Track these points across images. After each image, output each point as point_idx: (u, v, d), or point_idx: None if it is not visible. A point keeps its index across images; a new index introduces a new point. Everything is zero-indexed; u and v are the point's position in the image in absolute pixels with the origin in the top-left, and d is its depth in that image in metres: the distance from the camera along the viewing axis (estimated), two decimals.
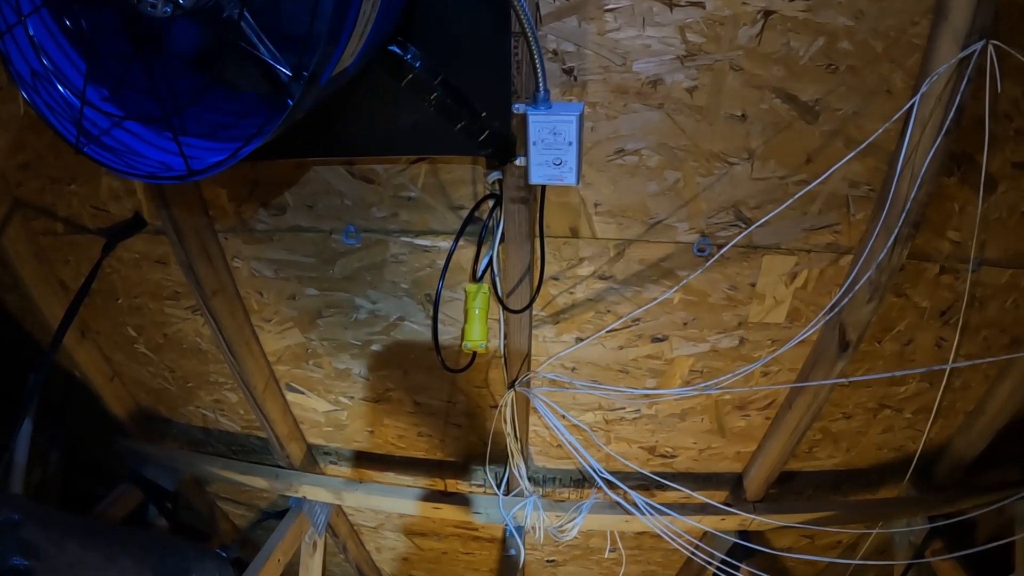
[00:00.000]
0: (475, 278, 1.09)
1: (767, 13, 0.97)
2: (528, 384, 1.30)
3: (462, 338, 1.12)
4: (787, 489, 1.69)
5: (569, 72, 1.01)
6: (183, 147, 0.87)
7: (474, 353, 1.19)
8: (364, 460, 1.70)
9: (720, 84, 1.02)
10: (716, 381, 1.27)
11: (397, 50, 0.92)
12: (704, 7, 0.96)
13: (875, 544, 1.82)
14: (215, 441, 1.80)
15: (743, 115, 1.05)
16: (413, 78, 0.93)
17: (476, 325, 1.10)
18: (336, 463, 1.72)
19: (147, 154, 0.88)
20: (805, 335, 1.18)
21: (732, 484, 1.65)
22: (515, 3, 0.74)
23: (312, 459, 1.73)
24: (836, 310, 1.17)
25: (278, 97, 0.71)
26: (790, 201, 1.05)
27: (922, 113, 1.01)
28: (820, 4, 0.96)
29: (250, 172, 1.20)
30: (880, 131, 1.03)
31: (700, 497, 1.55)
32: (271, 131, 0.70)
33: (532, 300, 1.11)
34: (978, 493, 1.71)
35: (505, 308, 1.12)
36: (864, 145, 1.04)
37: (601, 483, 1.31)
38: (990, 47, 0.96)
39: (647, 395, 1.36)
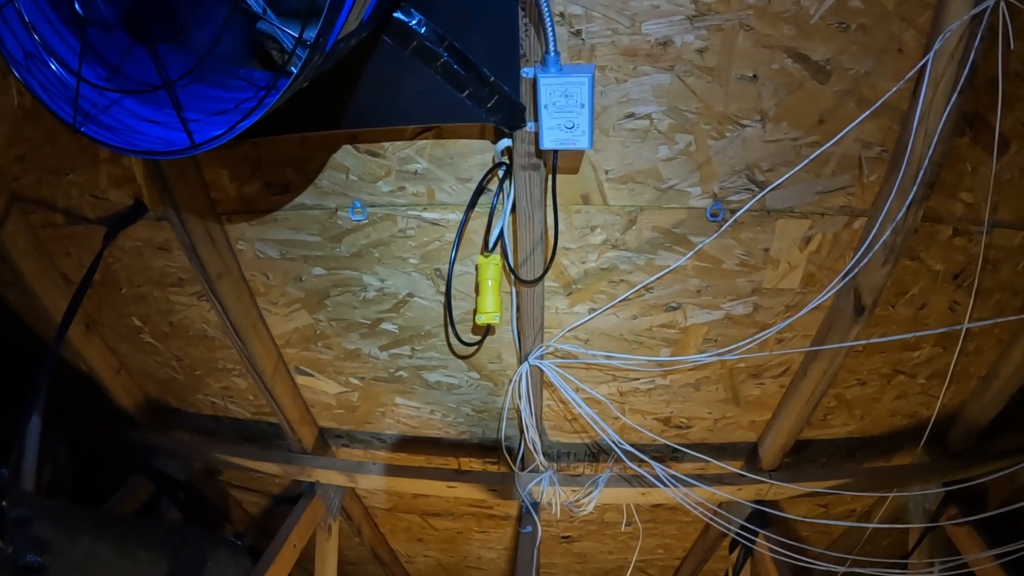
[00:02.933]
0: (487, 249, 1.09)
1: None
2: (542, 357, 1.31)
3: (475, 312, 1.13)
4: (802, 457, 1.71)
5: (577, 35, 1.00)
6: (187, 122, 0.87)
7: (484, 335, 1.20)
8: (376, 441, 1.72)
9: (731, 44, 1.02)
10: (731, 348, 1.29)
11: (402, 16, 0.91)
12: None
13: (890, 511, 1.85)
14: (225, 429, 1.82)
15: (754, 76, 1.05)
16: (419, 44, 0.93)
17: (489, 297, 1.10)
18: (348, 445, 1.74)
19: (146, 131, 0.88)
20: (823, 298, 1.19)
21: (747, 453, 1.67)
22: None
23: (324, 442, 1.75)
24: (851, 274, 1.18)
25: (281, 74, 0.71)
26: (804, 163, 1.05)
27: (935, 72, 1.01)
28: None
29: (252, 151, 1.20)
30: (894, 90, 1.03)
31: (717, 464, 1.57)
32: (274, 100, 0.70)
33: (546, 270, 1.12)
34: (992, 458, 1.73)
35: (518, 279, 1.13)
36: (878, 104, 1.04)
37: (620, 454, 1.33)
38: (1002, 4, 0.95)
39: (662, 364, 1.37)
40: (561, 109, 0.89)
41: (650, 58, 1.03)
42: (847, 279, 1.18)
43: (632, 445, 1.55)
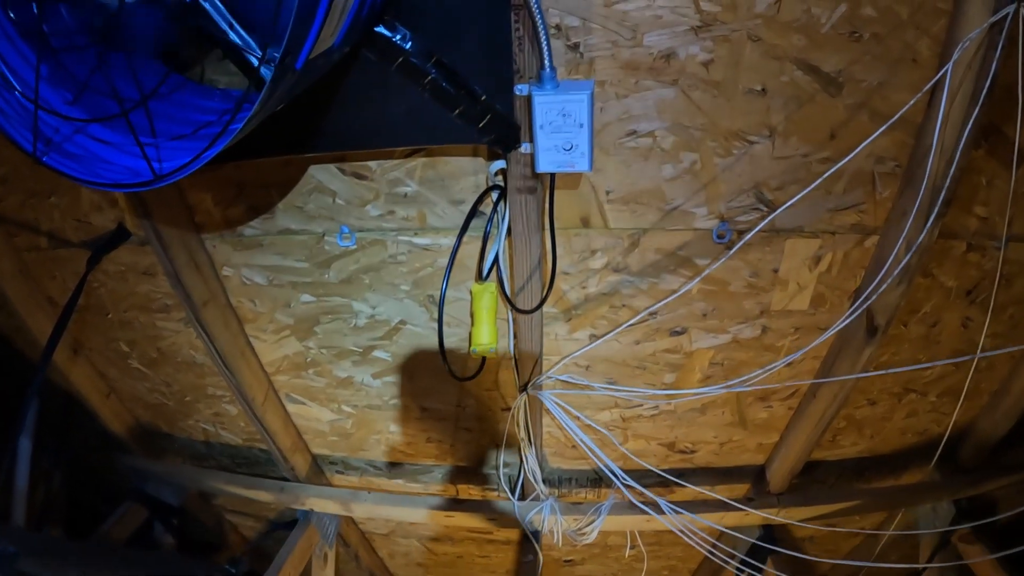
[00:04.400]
0: (481, 277, 0.99)
1: None
2: (541, 387, 1.20)
3: (470, 342, 1.02)
4: (810, 478, 1.60)
5: (575, 48, 0.91)
6: (156, 148, 0.77)
7: (483, 358, 1.10)
8: (372, 468, 1.61)
9: (738, 56, 0.92)
10: (740, 380, 1.18)
11: (385, 31, 0.82)
12: None
13: (900, 527, 1.75)
14: (217, 454, 1.71)
15: (763, 89, 0.95)
16: (404, 60, 0.83)
17: (484, 328, 1.00)
18: (343, 472, 1.64)
19: (113, 159, 0.78)
20: (839, 327, 1.08)
21: (754, 476, 1.56)
22: None
23: (318, 469, 1.64)
24: (868, 300, 1.08)
25: (245, 99, 0.62)
26: (817, 182, 0.95)
27: (952, 83, 0.92)
28: None
29: (235, 174, 1.10)
30: (911, 103, 0.93)
31: (720, 497, 1.46)
32: (238, 127, 0.60)
33: (543, 299, 1.01)
34: (1004, 473, 1.63)
35: (514, 308, 1.02)
36: (894, 119, 0.94)
37: (621, 487, 1.23)
38: (1022, 10, 0.86)
39: (667, 395, 1.27)
40: (558, 129, 0.79)
41: (652, 72, 0.93)
42: (863, 304, 1.08)
43: (635, 471, 1.45)
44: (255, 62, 0.64)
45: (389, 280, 1.18)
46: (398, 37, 0.82)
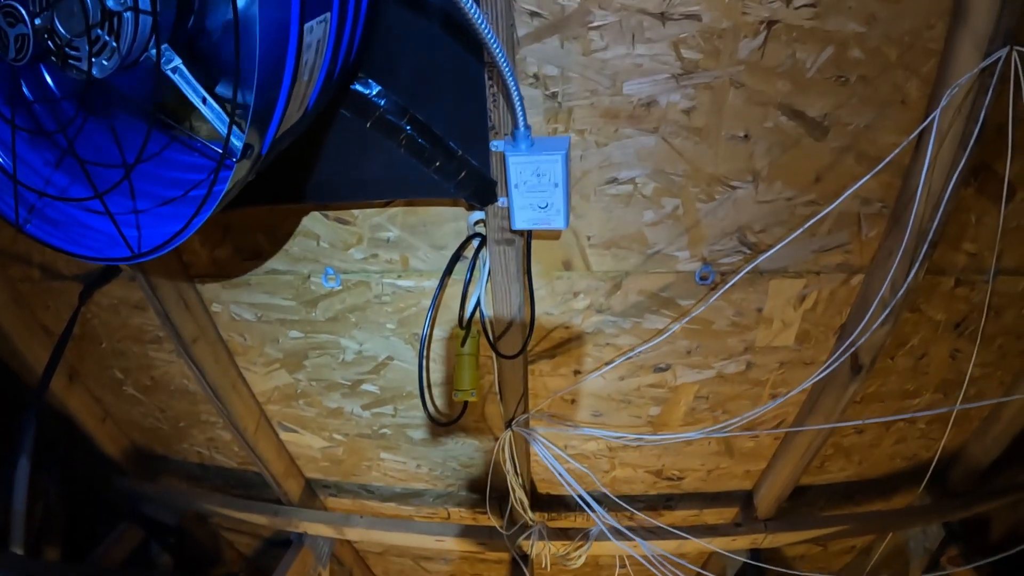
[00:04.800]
0: (462, 325, 0.99)
1: (770, 23, 0.85)
2: (526, 424, 1.20)
3: (452, 387, 1.02)
4: (799, 502, 1.60)
5: (553, 97, 0.89)
6: (136, 215, 0.77)
7: (462, 410, 1.09)
8: (364, 492, 1.62)
9: (720, 103, 0.90)
10: (723, 425, 1.17)
11: (360, 88, 0.81)
12: (700, 19, 0.84)
13: (889, 547, 1.74)
14: (212, 476, 1.72)
15: (746, 135, 0.93)
16: (380, 117, 0.82)
17: (466, 373, 1.00)
18: (336, 495, 1.65)
19: (95, 225, 0.78)
20: (822, 375, 1.07)
21: (742, 501, 1.56)
22: (482, 35, 0.62)
23: (312, 492, 1.65)
24: (855, 344, 1.07)
25: (220, 167, 0.61)
26: (802, 229, 0.94)
27: (941, 126, 0.89)
28: (829, 10, 0.84)
29: (221, 217, 1.09)
30: (898, 150, 0.91)
31: (706, 533, 1.46)
32: (211, 210, 0.60)
33: (524, 347, 1.01)
34: (995, 496, 1.62)
35: (497, 354, 1.02)
36: (883, 165, 0.92)
37: (601, 525, 1.22)
38: (1015, 54, 0.84)
39: (652, 426, 1.26)
40: (533, 188, 0.78)
41: (633, 120, 0.92)
42: (850, 348, 1.07)
43: (623, 496, 1.44)
44: (213, 154, 0.63)
45: (375, 319, 1.17)
46: (372, 93, 0.81)
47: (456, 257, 0.99)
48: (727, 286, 0.97)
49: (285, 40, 0.53)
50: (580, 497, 1.16)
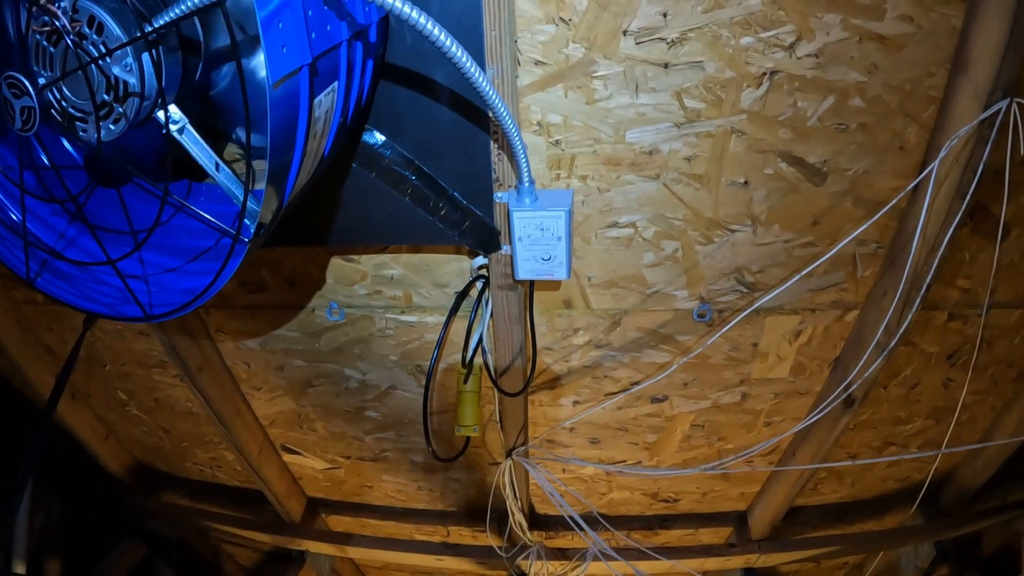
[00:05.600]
0: (464, 364, 0.99)
1: (772, 73, 0.85)
2: (526, 454, 1.21)
3: (455, 421, 1.03)
4: (792, 522, 1.62)
5: (556, 144, 0.90)
6: (145, 283, 0.77)
7: (464, 445, 1.10)
8: (365, 511, 1.63)
9: (722, 151, 0.91)
10: (719, 463, 1.18)
11: (368, 139, 0.81)
12: (704, 69, 0.84)
13: (881, 565, 1.76)
14: (215, 493, 1.73)
15: (745, 181, 0.94)
16: (385, 167, 0.82)
17: (468, 409, 1.00)
18: (338, 513, 1.65)
19: (107, 279, 0.78)
20: (815, 418, 1.08)
21: (736, 521, 1.58)
22: (487, 97, 0.62)
23: (313, 511, 1.66)
24: (845, 385, 1.08)
25: (232, 239, 0.61)
26: (802, 274, 0.94)
27: (939, 174, 0.90)
28: (830, 60, 0.84)
29: None
30: (899, 197, 0.92)
31: (702, 543, 1.48)
32: (226, 279, 0.60)
33: (525, 386, 1.01)
34: (985, 516, 1.64)
35: (500, 391, 1.02)
36: (883, 212, 0.93)
37: (598, 553, 1.23)
38: (1014, 106, 0.84)
39: (649, 458, 1.27)
40: (537, 242, 0.78)
41: (635, 167, 0.92)
42: (846, 390, 1.08)
43: (620, 517, 1.46)
44: (227, 234, 0.63)
45: (378, 351, 1.18)
46: (379, 145, 0.81)
47: (461, 298, 0.99)
48: (727, 327, 0.97)
49: (295, 115, 0.54)
50: (577, 524, 1.18)
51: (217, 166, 0.63)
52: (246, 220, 0.54)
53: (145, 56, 0.54)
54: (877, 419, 1.38)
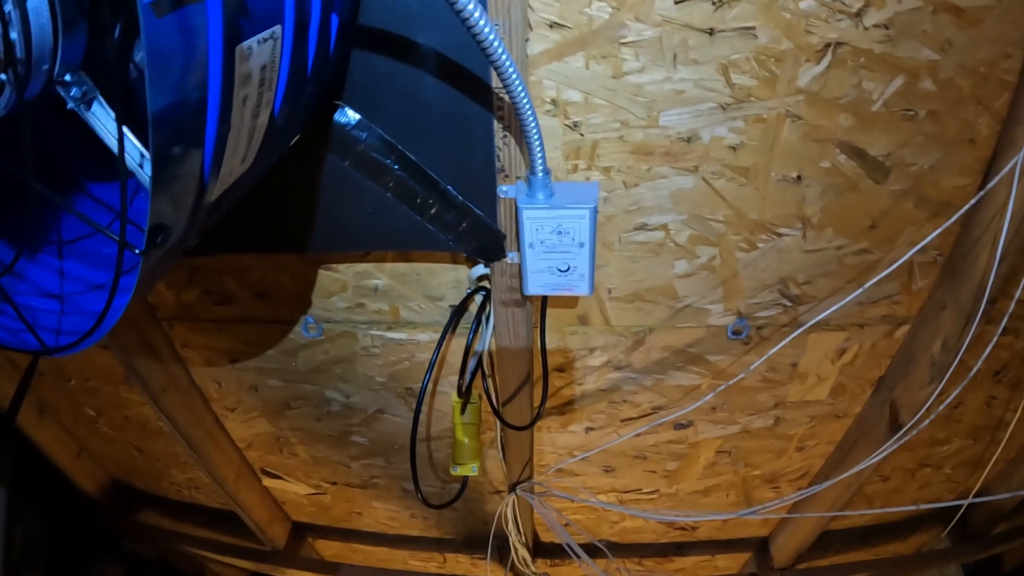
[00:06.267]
0: (461, 392, 0.79)
1: (836, 45, 0.65)
2: (531, 489, 1.01)
3: (452, 457, 0.83)
4: (814, 546, 1.43)
5: (575, 128, 0.70)
6: (60, 301, 0.57)
7: (462, 486, 0.90)
8: (355, 536, 1.42)
9: (773, 139, 0.71)
10: (755, 509, 1.00)
11: (339, 119, 0.60)
12: (756, 37, 0.64)
13: None
14: (196, 513, 1.52)
15: (798, 176, 0.74)
16: (361, 154, 0.61)
17: (466, 443, 0.80)
18: (325, 538, 1.45)
19: (6, 309, 0.58)
20: (872, 461, 0.89)
21: (756, 547, 1.38)
22: (491, 53, 0.42)
23: (299, 535, 1.45)
24: (907, 429, 0.89)
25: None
26: (861, 290, 0.75)
27: (1011, 172, 0.71)
28: (901, 32, 0.65)
29: (186, 258, 0.89)
30: (978, 197, 0.72)
31: (721, 564, 1.29)
32: (124, 301, 0.40)
33: (534, 421, 0.81)
34: (1015, 537, 1.46)
35: (504, 423, 0.83)
36: (955, 218, 0.73)
37: None
38: None
39: (667, 518, 1.07)
40: (552, 249, 0.58)
41: (669, 157, 0.72)
42: (896, 417, 0.88)
43: (632, 545, 1.26)
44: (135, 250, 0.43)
45: (363, 372, 0.98)
46: (352, 125, 0.60)
47: (457, 314, 0.79)
48: (774, 350, 0.77)
49: (202, 63, 0.33)
50: (585, 556, 0.98)
51: (141, 165, 0.43)
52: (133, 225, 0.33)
53: None
54: (915, 441, 1.18)
